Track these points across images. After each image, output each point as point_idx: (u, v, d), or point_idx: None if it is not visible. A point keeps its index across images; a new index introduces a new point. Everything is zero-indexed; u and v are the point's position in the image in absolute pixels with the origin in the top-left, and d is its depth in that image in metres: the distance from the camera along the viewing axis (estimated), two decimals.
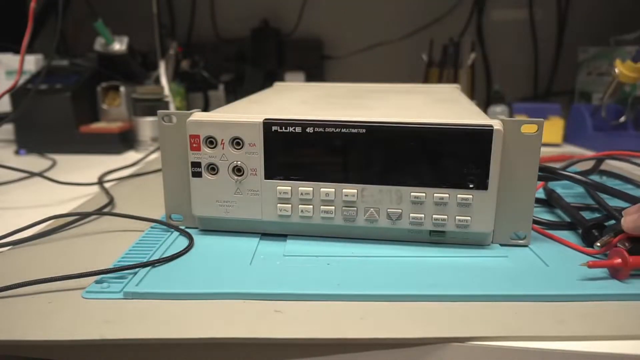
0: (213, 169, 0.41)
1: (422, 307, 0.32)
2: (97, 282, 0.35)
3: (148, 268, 0.37)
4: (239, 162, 0.41)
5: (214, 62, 1.15)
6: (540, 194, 0.52)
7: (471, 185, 0.38)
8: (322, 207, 0.40)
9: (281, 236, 0.43)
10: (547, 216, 0.48)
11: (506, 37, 1.18)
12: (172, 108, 0.90)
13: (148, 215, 0.48)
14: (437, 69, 1.02)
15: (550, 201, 0.50)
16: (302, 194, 0.40)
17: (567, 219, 0.46)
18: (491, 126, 0.37)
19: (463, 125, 0.37)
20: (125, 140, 0.83)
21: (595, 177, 0.61)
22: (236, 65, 1.17)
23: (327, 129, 0.39)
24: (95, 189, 0.60)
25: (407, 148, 0.38)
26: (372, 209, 0.40)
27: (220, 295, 0.33)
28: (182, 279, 0.35)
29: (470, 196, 0.38)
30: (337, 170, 0.40)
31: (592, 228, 0.41)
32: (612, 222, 0.41)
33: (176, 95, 0.95)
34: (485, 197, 0.38)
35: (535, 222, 0.44)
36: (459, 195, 0.38)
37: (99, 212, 0.49)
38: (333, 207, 0.40)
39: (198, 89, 1.05)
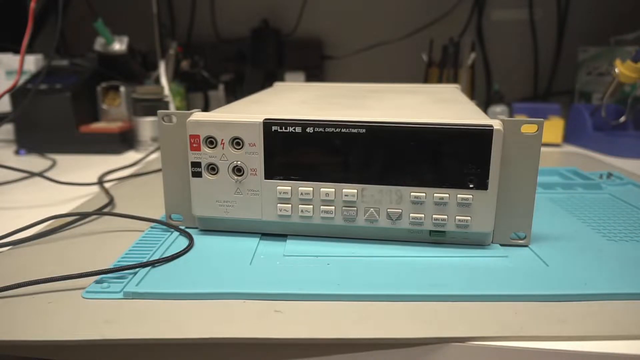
0: (213, 169, 0.41)
1: (422, 307, 0.32)
2: (97, 282, 0.35)
3: (148, 268, 0.37)
4: (239, 162, 0.41)
5: (214, 62, 1.15)
6: None
7: (471, 185, 0.38)
8: (322, 207, 0.40)
9: (281, 236, 0.43)
10: (547, 215, 0.48)
11: (506, 37, 1.18)
12: (172, 108, 0.90)
13: (148, 215, 0.48)
14: (437, 69, 1.02)
15: None
16: (302, 194, 0.40)
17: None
18: (491, 126, 0.37)
19: (463, 125, 0.37)
20: (125, 140, 0.83)
21: (593, 174, 0.61)
22: (236, 65, 1.17)
23: (327, 129, 0.39)
24: (95, 189, 0.60)
25: (407, 148, 0.38)
26: (372, 209, 0.40)
27: (220, 295, 0.33)
28: (182, 279, 0.35)
29: (470, 196, 0.38)
30: (337, 170, 0.40)
31: None
32: None
33: (176, 95, 0.95)
34: (485, 197, 0.38)
35: None
36: (459, 195, 0.38)
37: (99, 212, 0.49)
38: (333, 207, 0.40)
39: (198, 89, 1.05)
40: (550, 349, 0.29)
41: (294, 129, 0.39)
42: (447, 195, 0.38)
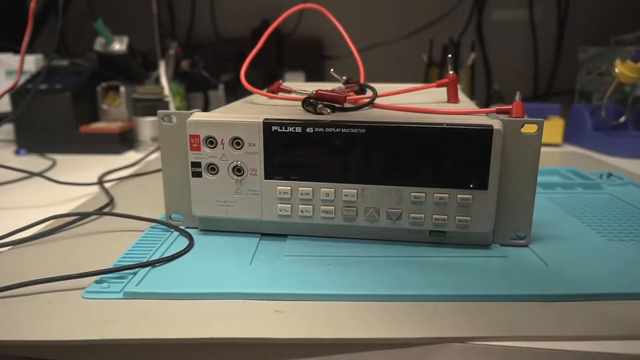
0: (213, 169, 0.41)
1: (422, 307, 0.32)
2: (97, 282, 0.35)
3: (148, 268, 0.37)
4: (239, 162, 0.41)
5: (214, 62, 1.15)
6: None
7: (471, 185, 0.38)
8: (322, 207, 0.40)
9: (281, 236, 0.43)
10: (547, 215, 0.48)
11: (506, 37, 1.18)
12: (172, 108, 0.90)
13: (148, 215, 0.48)
14: (437, 69, 1.02)
15: None
16: (302, 194, 0.40)
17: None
18: (491, 126, 0.37)
19: (463, 125, 0.37)
20: (125, 140, 0.83)
21: (593, 174, 0.61)
22: (236, 65, 1.17)
23: (327, 129, 0.39)
24: (95, 189, 0.60)
25: (407, 148, 0.38)
26: (372, 209, 0.40)
27: (220, 295, 0.33)
28: (182, 279, 0.35)
29: (470, 196, 0.38)
30: (337, 170, 0.40)
31: None
32: None
33: (176, 95, 0.95)
34: (485, 197, 0.38)
35: None
36: (459, 195, 0.38)
37: (99, 212, 0.49)
38: (333, 207, 0.40)
39: (198, 89, 1.05)
40: (550, 349, 0.29)
41: (294, 129, 0.39)
42: (447, 195, 0.38)
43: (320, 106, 0.41)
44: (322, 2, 1.25)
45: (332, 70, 0.51)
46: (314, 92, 0.43)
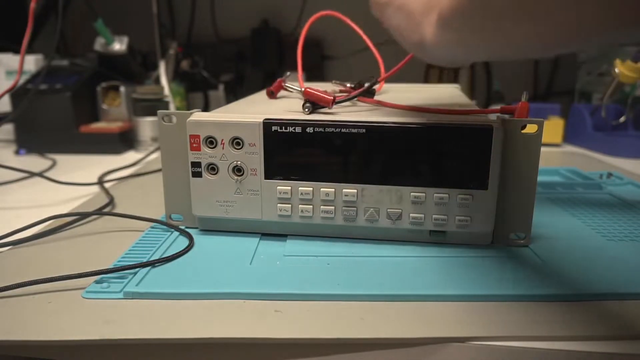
0: (213, 169, 0.41)
1: (422, 307, 0.32)
2: (97, 282, 0.35)
3: (148, 268, 0.37)
4: (239, 162, 0.41)
5: (214, 62, 1.15)
6: None
7: (471, 185, 0.38)
8: (322, 207, 0.40)
9: (281, 236, 0.43)
10: (547, 215, 0.48)
11: None
12: (172, 108, 0.90)
13: (148, 215, 0.47)
14: (437, 68, 1.02)
15: None
16: (302, 194, 0.40)
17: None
18: (491, 126, 0.37)
19: (463, 125, 0.37)
20: (125, 140, 0.83)
21: (593, 174, 0.61)
22: (236, 65, 1.17)
23: (327, 129, 0.39)
24: (95, 189, 0.60)
25: (407, 148, 0.38)
26: (372, 209, 0.40)
27: (220, 295, 0.33)
28: (182, 279, 0.35)
29: (470, 196, 0.38)
30: (337, 170, 0.40)
31: None
32: None
33: (176, 95, 0.95)
34: (485, 197, 0.38)
35: None
36: (459, 195, 0.38)
37: (99, 212, 0.49)
38: (333, 207, 0.40)
39: (198, 89, 1.05)
40: (550, 349, 0.29)
41: (294, 129, 0.39)
42: (447, 195, 0.38)
43: (307, 105, 0.41)
44: (322, 2, 1.24)
45: (333, 82, 0.51)
46: (303, 89, 0.42)
